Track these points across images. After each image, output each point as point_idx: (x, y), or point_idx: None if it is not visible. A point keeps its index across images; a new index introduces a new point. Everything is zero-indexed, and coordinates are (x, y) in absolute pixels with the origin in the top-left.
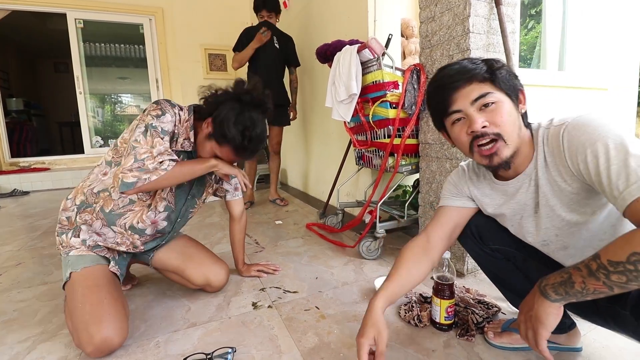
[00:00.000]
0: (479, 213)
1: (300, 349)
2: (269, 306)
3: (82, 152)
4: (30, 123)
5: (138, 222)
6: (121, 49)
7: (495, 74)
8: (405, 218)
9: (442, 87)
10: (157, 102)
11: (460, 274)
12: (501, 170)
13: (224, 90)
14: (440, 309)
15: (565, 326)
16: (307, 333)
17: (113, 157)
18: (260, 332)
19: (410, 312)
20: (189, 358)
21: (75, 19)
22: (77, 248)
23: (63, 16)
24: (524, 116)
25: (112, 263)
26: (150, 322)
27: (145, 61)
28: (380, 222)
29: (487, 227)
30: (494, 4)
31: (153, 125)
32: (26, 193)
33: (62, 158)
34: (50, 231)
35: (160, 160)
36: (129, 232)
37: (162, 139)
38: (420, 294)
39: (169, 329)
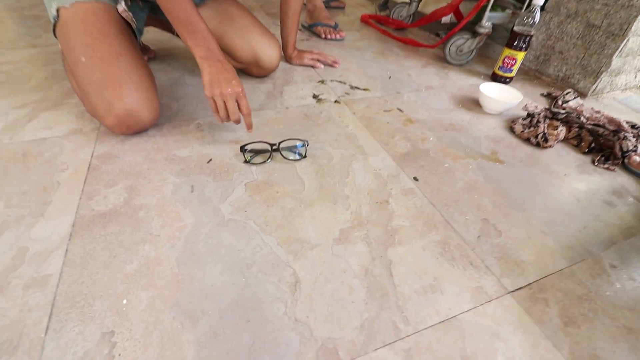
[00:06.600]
0: None
1: (390, 153)
2: (336, 101)
3: None
4: None
5: None
6: None
7: None
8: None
9: None
10: None
11: (581, 94)
12: None
13: None
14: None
15: None
16: (395, 137)
17: None
18: (332, 128)
19: (531, 128)
20: (248, 146)
21: None
22: None
23: None
24: None
25: (121, 3)
26: (183, 101)
27: None
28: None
29: None
30: None
31: None
32: None
33: None
34: None
35: None
36: None
37: None
38: (550, 110)
39: (208, 111)
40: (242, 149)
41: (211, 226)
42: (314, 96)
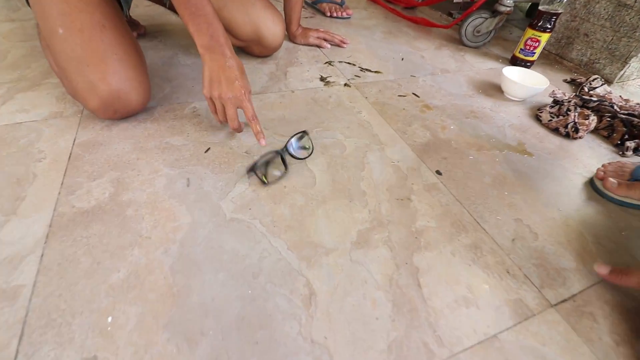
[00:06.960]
0: None
1: (408, 142)
2: (346, 84)
3: None
4: None
5: None
6: None
7: None
8: None
9: None
10: None
11: (607, 80)
12: None
13: None
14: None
15: None
16: (412, 124)
17: None
18: (343, 114)
19: (560, 117)
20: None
21: None
22: None
23: None
24: None
25: None
26: (177, 82)
27: None
28: None
29: None
30: None
31: None
32: None
33: None
34: None
35: None
36: None
37: None
38: (580, 97)
39: None
40: (252, 169)
41: (211, 227)
42: (322, 78)
